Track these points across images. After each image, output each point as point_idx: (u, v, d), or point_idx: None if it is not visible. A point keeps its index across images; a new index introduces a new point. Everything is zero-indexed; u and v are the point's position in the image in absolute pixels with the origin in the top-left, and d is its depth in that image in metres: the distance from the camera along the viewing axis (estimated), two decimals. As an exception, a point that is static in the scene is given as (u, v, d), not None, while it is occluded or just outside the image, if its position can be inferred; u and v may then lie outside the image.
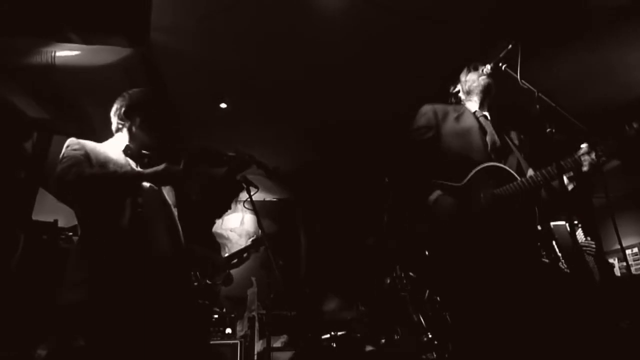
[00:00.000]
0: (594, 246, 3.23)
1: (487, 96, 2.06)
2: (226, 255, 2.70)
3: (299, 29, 3.78)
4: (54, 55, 3.47)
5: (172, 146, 1.79)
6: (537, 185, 1.70)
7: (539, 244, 1.83)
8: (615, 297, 3.29)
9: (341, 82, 4.46)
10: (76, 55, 3.47)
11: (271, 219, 6.46)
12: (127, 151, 1.80)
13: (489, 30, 3.65)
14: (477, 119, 1.99)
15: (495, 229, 1.70)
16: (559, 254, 2.76)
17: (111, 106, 1.91)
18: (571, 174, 1.76)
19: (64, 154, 1.68)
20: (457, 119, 1.98)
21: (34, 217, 3.69)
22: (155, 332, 1.56)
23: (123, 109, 1.86)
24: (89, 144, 1.74)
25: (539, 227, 1.86)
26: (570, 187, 1.77)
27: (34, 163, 3.81)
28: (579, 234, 3.32)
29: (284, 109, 4.97)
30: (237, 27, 3.72)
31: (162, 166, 1.67)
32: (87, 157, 1.68)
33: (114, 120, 1.88)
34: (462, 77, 2.15)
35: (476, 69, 2.08)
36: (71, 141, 1.73)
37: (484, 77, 2.03)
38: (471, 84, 2.08)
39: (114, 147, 1.83)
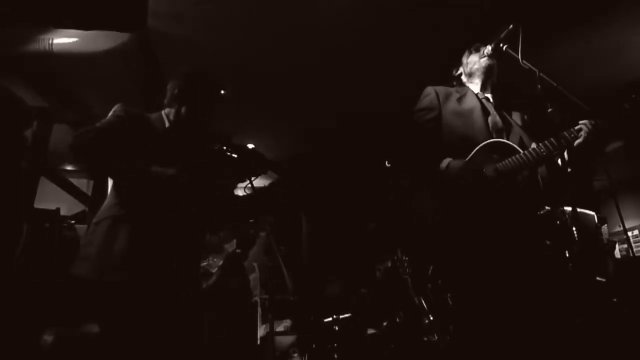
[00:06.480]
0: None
1: (489, 77, 2.05)
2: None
3: (299, 14, 3.73)
4: (52, 43, 3.44)
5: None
6: (540, 157, 1.68)
7: (543, 225, 1.81)
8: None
9: (344, 67, 4.42)
10: (74, 41, 3.44)
11: (273, 205, 6.45)
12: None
13: (493, 14, 3.62)
14: (479, 100, 1.98)
15: (499, 205, 1.69)
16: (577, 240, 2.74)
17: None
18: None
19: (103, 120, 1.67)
20: (460, 100, 1.98)
21: (36, 206, 3.69)
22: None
23: (176, 90, 1.86)
24: (132, 110, 1.74)
25: (566, 209, 1.84)
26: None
27: (35, 152, 3.80)
28: (604, 230, 3.30)
29: (284, 94, 4.94)
30: (236, 12, 3.67)
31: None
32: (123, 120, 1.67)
33: (168, 95, 1.89)
34: (464, 59, 2.15)
35: (477, 51, 2.07)
36: (117, 106, 1.74)
37: (485, 58, 2.02)
38: (472, 66, 2.07)
39: (158, 119, 1.84)
